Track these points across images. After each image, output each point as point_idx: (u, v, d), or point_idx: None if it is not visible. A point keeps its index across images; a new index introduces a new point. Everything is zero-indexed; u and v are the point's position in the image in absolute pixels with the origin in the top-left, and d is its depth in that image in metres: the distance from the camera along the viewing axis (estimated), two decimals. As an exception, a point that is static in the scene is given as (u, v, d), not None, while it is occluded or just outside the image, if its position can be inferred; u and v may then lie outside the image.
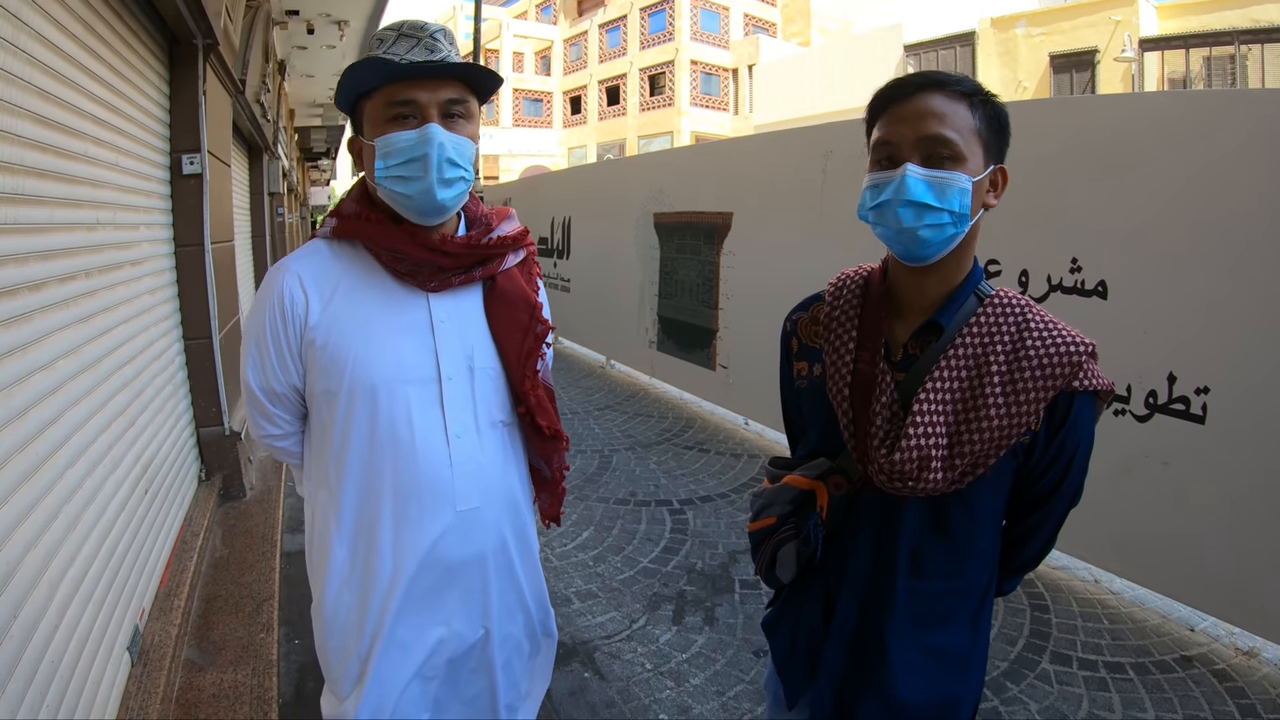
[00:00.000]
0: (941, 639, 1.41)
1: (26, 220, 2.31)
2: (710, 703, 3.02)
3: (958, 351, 1.33)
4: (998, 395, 1.29)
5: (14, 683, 1.83)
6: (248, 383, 1.64)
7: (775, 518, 1.49)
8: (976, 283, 1.39)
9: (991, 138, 1.32)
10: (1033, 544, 1.49)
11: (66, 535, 2.33)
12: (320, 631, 1.67)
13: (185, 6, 3.87)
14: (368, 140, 1.54)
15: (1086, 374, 1.29)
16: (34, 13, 2.42)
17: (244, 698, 2.82)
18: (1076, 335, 1.32)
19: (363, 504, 1.61)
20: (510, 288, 1.73)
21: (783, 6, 38.34)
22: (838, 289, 1.52)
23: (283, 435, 1.72)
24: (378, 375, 1.56)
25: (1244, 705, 2.99)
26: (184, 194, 4.35)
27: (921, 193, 1.26)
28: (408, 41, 1.51)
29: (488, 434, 1.68)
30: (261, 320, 1.60)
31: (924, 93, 1.29)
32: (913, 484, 1.30)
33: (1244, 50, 20.33)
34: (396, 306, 1.61)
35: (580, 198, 9.91)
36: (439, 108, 1.51)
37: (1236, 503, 3.19)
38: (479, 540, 1.67)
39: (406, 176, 1.50)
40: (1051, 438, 1.33)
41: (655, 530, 4.67)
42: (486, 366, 1.68)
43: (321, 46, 9.82)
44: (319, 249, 1.65)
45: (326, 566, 1.63)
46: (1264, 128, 3.06)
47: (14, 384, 2.10)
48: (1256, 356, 3.11)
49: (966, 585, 1.41)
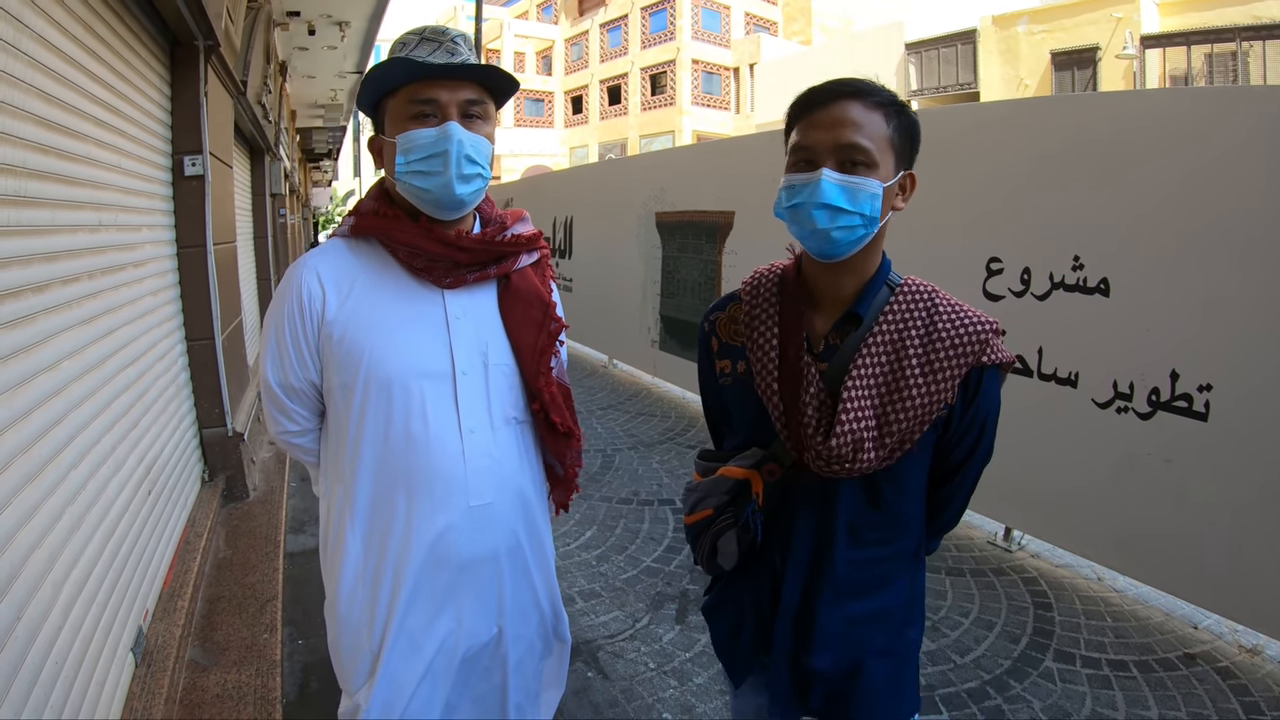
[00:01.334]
0: (883, 600, 1.51)
1: (29, 222, 2.32)
2: (713, 701, 3.02)
3: (876, 339, 1.42)
4: (917, 376, 1.38)
5: (18, 683, 1.83)
6: (266, 379, 1.67)
7: (712, 509, 1.55)
8: (887, 273, 1.48)
9: (903, 146, 1.39)
10: (952, 506, 1.58)
11: (70, 536, 2.33)
12: (333, 628, 1.69)
13: (186, 8, 3.87)
14: (389, 138, 1.59)
15: (993, 349, 1.40)
16: (35, 15, 2.42)
17: (248, 698, 2.82)
18: (981, 315, 1.42)
19: (377, 497, 1.63)
20: (524, 286, 1.76)
21: (784, 5, 38.32)
22: (754, 287, 1.59)
23: (300, 432, 1.75)
24: (393, 368, 1.59)
25: (1247, 703, 2.98)
26: (186, 195, 4.35)
27: (835, 196, 1.33)
28: (429, 45, 1.55)
29: (502, 430, 1.70)
30: (280, 315, 1.63)
31: (842, 101, 1.36)
32: (849, 465, 1.37)
33: (1245, 47, 20.30)
34: (412, 302, 1.64)
35: (582, 197, 9.91)
36: (458, 107, 1.56)
37: (1239, 500, 3.18)
38: (492, 537, 1.69)
39: (426, 172, 1.54)
40: (966, 409, 1.43)
41: (658, 529, 4.67)
42: (501, 363, 1.70)
43: (323, 47, 9.82)
44: (337, 246, 1.69)
45: (341, 562, 1.65)
46: (1266, 125, 3.06)
47: (18, 385, 2.11)
48: (1259, 354, 3.11)
49: (900, 549, 1.51)
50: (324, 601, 1.73)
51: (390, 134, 1.58)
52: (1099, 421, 3.66)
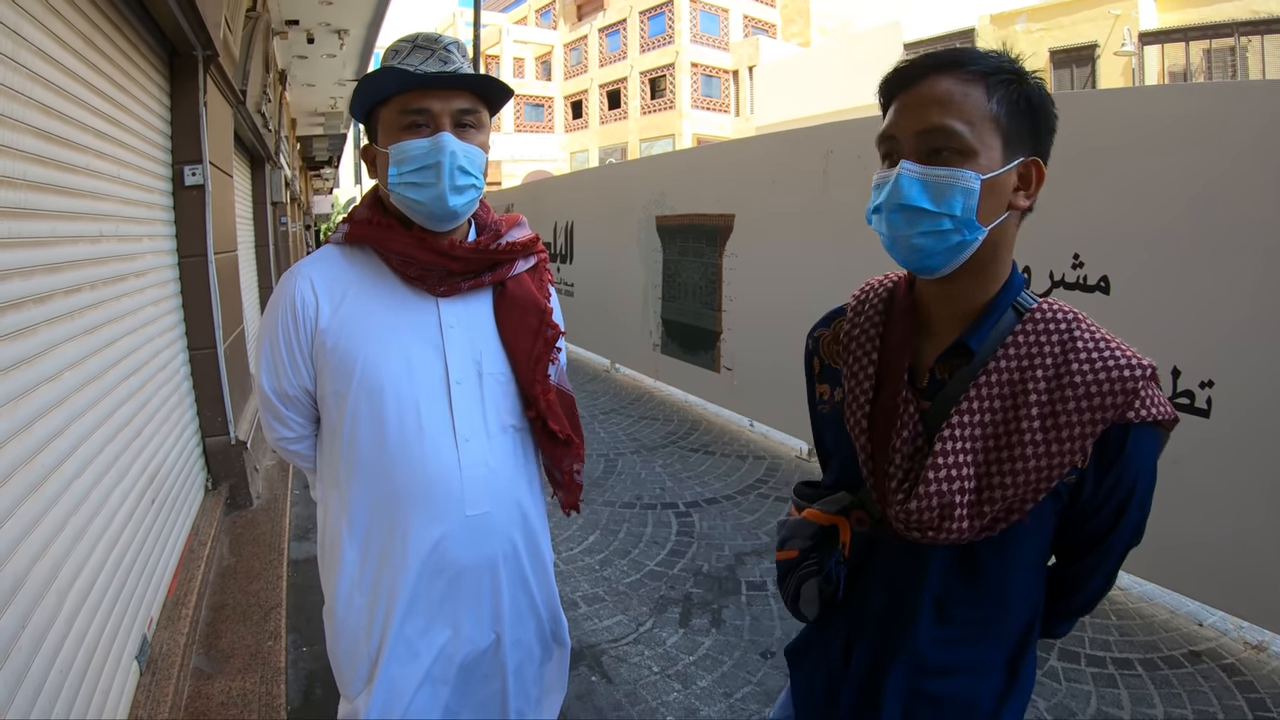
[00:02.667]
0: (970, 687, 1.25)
1: (30, 234, 2.33)
2: (718, 705, 3.02)
3: (990, 378, 1.15)
4: (1036, 431, 1.11)
5: (23, 692, 1.84)
6: (261, 385, 1.67)
7: (798, 551, 1.35)
8: (1015, 294, 1.20)
9: (1016, 125, 1.12)
10: (1088, 588, 1.28)
11: (74, 546, 2.34)
12: (331, 633, 1.69)
13: (184, 18, 3.89)
14: (381, 148, 1.58)
15: (1145, 402, 1.10)
16: (34, 28, 2.43)
17: (252, 705, 2.83)
18: (1133, 355, 1.11)
19: (373, 506, 1.62)
20: (520, 293, 1.75)
21: (782, 7, 38.39)
22: (860, 302, 1.35)
23: (295, 438, 1.75)
24: (386, 376, 1.59)
25: (1253, 699, 2.98)
26: (186, 205, 4.36)
27: (915, 195, 1.10)
28: (422, 53, 1.55)
29: (498, 438, 1.69)
30: (274, 323, 1.63)
31: (934, 76, 1.12)
32: (933, 534, 1.14)
33: (1244, 42, 20.29)
34: (406, 310, 1.64)
35: (582, 202, 9.93)
36: (451, 117, 1.55)
37: (1243, 496, 3.18)
38: (489, 545, 1.68)
39: (419, 183, 1.54)
40: (1102, 477, 1.13)
41: (661, 533, 4.67)
42: (496, 371, 1.70)
43: (322, 56, 9.84)
44: (331, 254, 1.69)
45: (338, 568, 1.65)
46: (1266, 120, 3.06)
47: (20, 396, 2.12)
48: (1261, 349, 3.11)
49: (1000, 631, 1.24)
50: (324, 606, 1.73)
51: (383, 144, 1.58)
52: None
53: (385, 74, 1.52)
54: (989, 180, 1.09)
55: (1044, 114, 1.15)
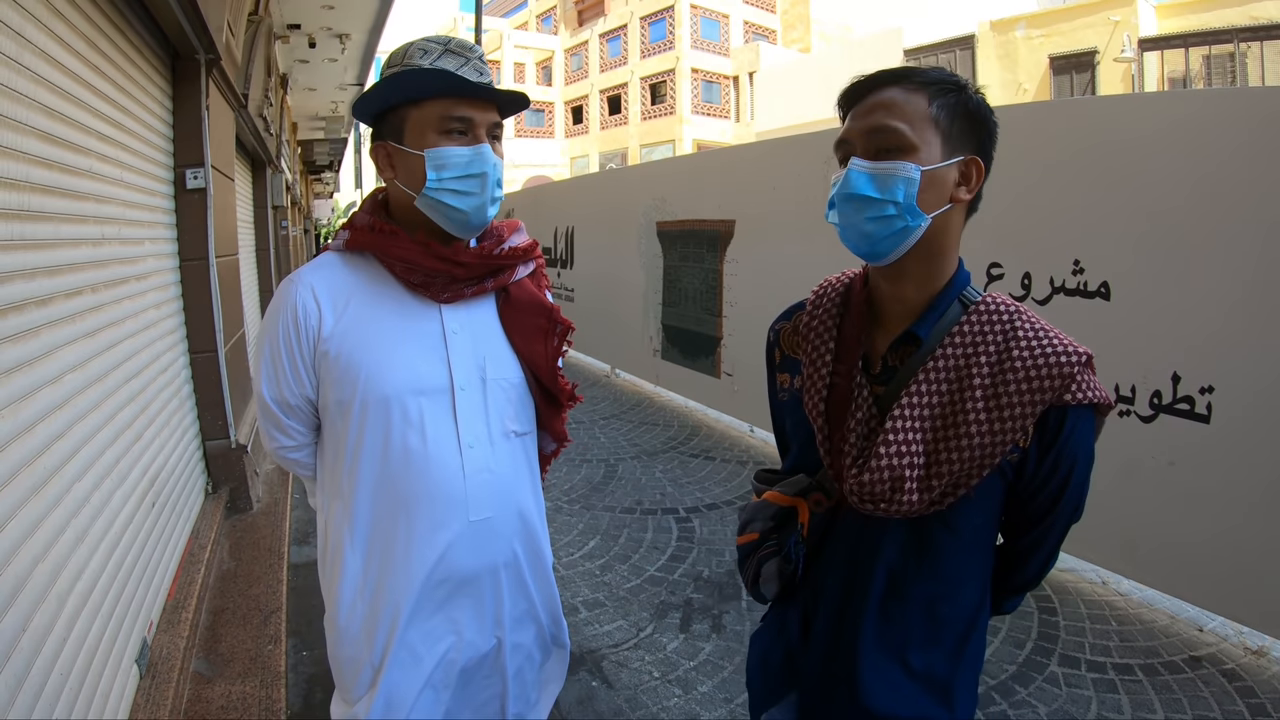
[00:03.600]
0: (922, 661, 1.32)
1: (33, 236, 2.33)
2: (718, 710, 3.02)
3: (938, 364, 1.25)
4: (979, 411, 1.21)
5: (23, 695, 1.84)
6: (261, 395, 1.66)
7: (758, 533, 1.45)
8: (960, 288, 1.31)
9: (955, 127, 1.24)
10: (1032, 562, 1.39)
11: (74, 548, 2.34)
12: (333, 641, 1.68)
13: (187, 22, 3.90)
14: (413, 149, 1.54)
15: (1080, 386, 1.20)
16: (37, 30, 2.44)
17: (252, 709, 2.83)
18: (1069, 344, 1.22)
19: (376, 514, 1.61)
20: (524, 296, 1.74)
21: (782, 13, 38.45)
22: (819, 297, 1.47)
23: (296, 446, 1.73)
24: (390, 386, 1.57)
25: (1254, 704, 2.98)
26: (188, 208, 4.37)
27: (863, 185, 1.22)
28: (456, 59, 1.52)
29: (501, 445, 1.68)
30: (275, 332, 1.61)
31: (880, 88, 1.25)
32: (885, 505, 1.23)
33: (1243, 48, 20.34)
34: (409, 317, 1.63)
35: (583, 207, 9.93)
36: (487, 128, 1.56)
37: (1243, 501, 3.18)
38: (491, 551, 1.68)
39: (463, 191, 1.53)
40: (1044, 454, 1.24)
41: (662, 538, 4.67)
42: (499, 378, 1.69)
43: (323, 60, 9.87)
44: (332, 261, 1.67)
45: (340, 576, 1.63)
46: (1266, 126, 3.06)
47: (22, 398, 2.12)
48: (1261, 355, 3.11)
49: (952, 608, 1.33)
50: (324, 614, 1.72)
51: (414, 146, 1.54)
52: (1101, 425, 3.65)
53: (431, 74, 1.49)
54: (929, 172, 1.21)
55: (982, 120, 1.27)
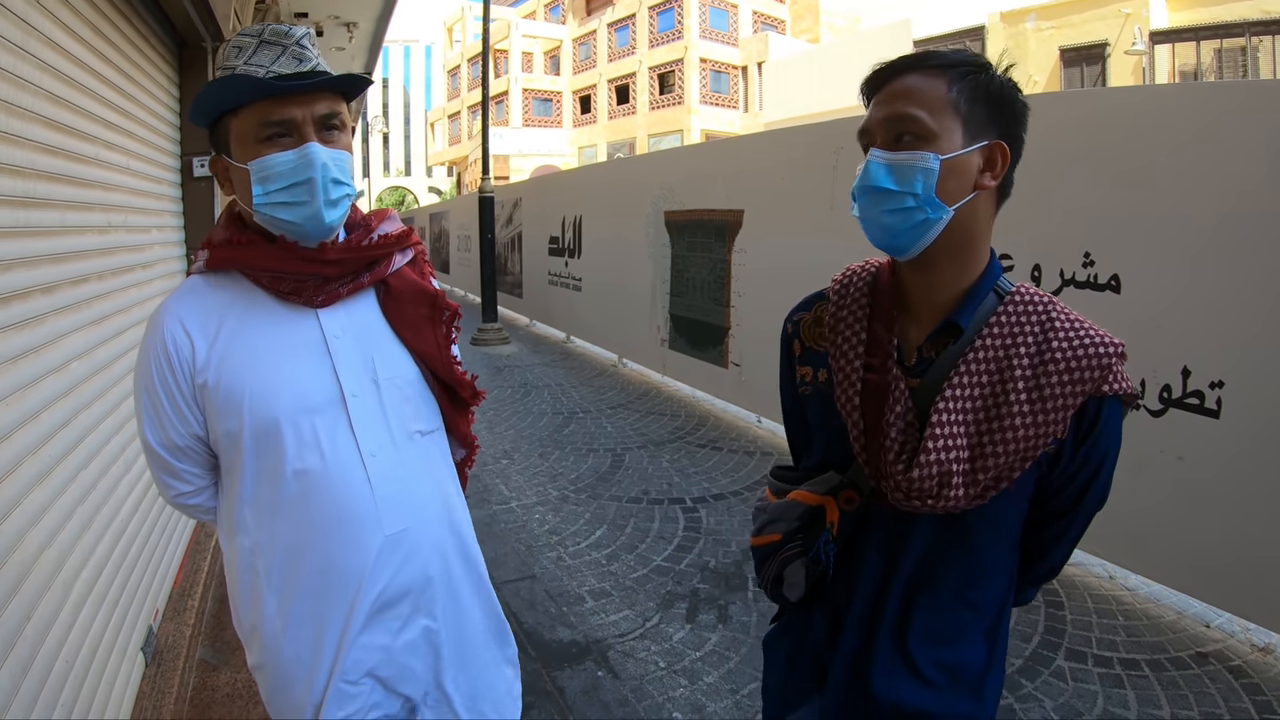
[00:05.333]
0: (953, 654, 1.30)
1: (38, 223, 2.32)
2: (724, 700, 3.02)
3: (978, 355, 1.21)
4: (1023, 403, 1.18)
5: (29, 682, 1.84)
6: (146, 441, 1.52)
7: (781, 534, 1.37)
8: (995, 279, 1.26)
9: (975, 111, 1.19)
10: (1056, 552, 1.35)
11: (80, 536, 2.34)
12: (266, 687, 1.56)
13: (194, 10, 3.89)
14: (238, 162, 1.42)
15: (1115, 377, 1.18)
16: (43, 17, 2.42)
17: (257, 697, 2.80)
18: (1105, 335, 1.20)
19: (287, 545, 1.49)
20: (404, 286, 1.63)
21: (791, 3, 38.37)
22: (843, 286, 1.39)
23: (194, 491, 1.58)
24: (277, 408, 1.46)
25: (1260, 701, 2.96)
26: (195, 196, 4.37)
27: (881, 177, 1.18)
28: (271, 50, 1.40)
29: (405, 447, 1.57)
30: (148, 371, 1.48)
31: (900, 75, 1.21)
32: (932, 501, 1.19)
33: (1255, 42, 20.23)
34: (286, 330, 1.51)
35: (591, 197, 9.93)
36: (315, 123, 1.42)
37: (1252, 497, 3.16)
38: (417, 562, 1.56)
39: (291, 202, 1.40)
40: (1078, 446, 1.21)
41: (668, 528, 4.67)
42: (393, 376, 1.58)
43: (331, 49, 9.84)
44: (196, 285, 1.53)
45: (260, 620, 1.51)
46: (1277, 119, 3.04)
47: (27, 386, 2.11)
48: (1271, 350, 3.09)
49: (983, 598, 1.30)
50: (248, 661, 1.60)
51: (239, 158, 1.42)
52: (1110, 419, 3.63)
53: (234, 82, 1.37)
54: (949, 161, 1.17)
55: (1007, 101, 1.22)
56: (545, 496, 5.18)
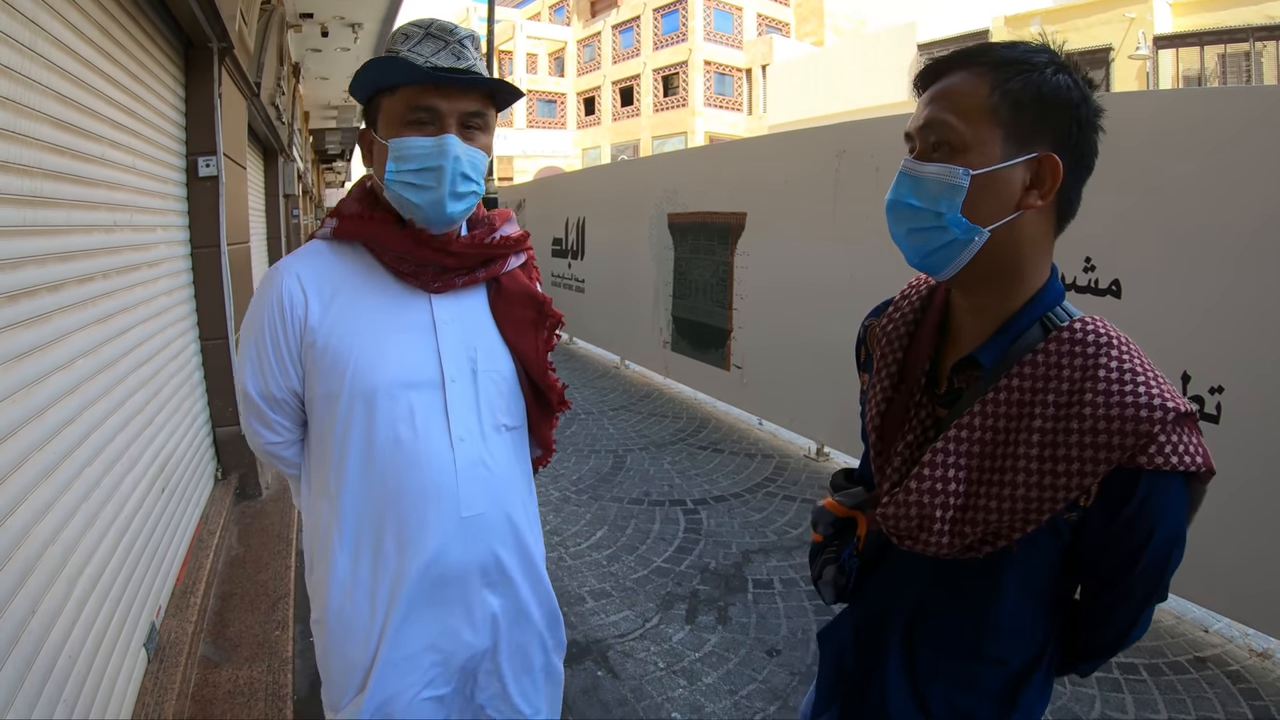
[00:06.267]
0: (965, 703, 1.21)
1: (45, 222, 2.34)
2: (723, 701, 3.03)
3: (999, 396, 1.07)
4: (1032, 460, 1.04)
5: (32, 677, 1.85)
6: (245, 388, 1.60)
7: (822, 536, 1.36)
8: (1045, 308, 1.11)
9: (1022, 118, 1.03)
10: (1106, 629, 1.19)
11: (84, 532, 2.36)
12: (322, 646, 1.63)
13: (200, 10, 3.90)
14: (381, 138, 1.51)
15: (1162, 448, 0.99)
16: (51, 17, 2.44)
17: (259, 694, 2.84)
18: (1159, 395, 0.99)
19: (365, 511, 1.56)
20: (515, 287, 1.69)
21: (796, 6, 38.32)
22: (902, 299, 1.31)
23: (282, 443, 1.67)
24: (379, 379, 1.52)
25: (1258, 707, 2.97)
26: (200, 196, 4.38)
27: (905, 193, 1.08)
28: (434, 43, 1.46)
29: (493, 438, 1.63)
30: (260, 323, 1.56)
31: (947, 73, 1.09)
32: (910, 542, 1.13)
33: (1259, 47, 20.19)
34: (399, 308, 1.57)
35: (594, 198, 9.93)
36: (458, 118, 1.48)
37: (1252, 502, 3.16)
38: (484, 547, 1.62)
39: (418, 185, 1.47)
40: (1110, 521, 1.05)
41: (669, 530, 4.68)
42: (491, 369, 1.63)
43: (335, 49, 9.88)
44: (319, 249, 1.62)
45: (329, 577, 1.58)
46: (1278, 125, 3.04)
47: (33, 383, 2.13)
48: (1271, 355, 3.09)
49: (1001, 655, 1.18)
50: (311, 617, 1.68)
51: (383, 135, 1.50)
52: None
53: (393, 63, 1.44)
54: (982, 176, 1.03)
55: (1064, 104, 1.04)
56: (547, 497, 5.19)
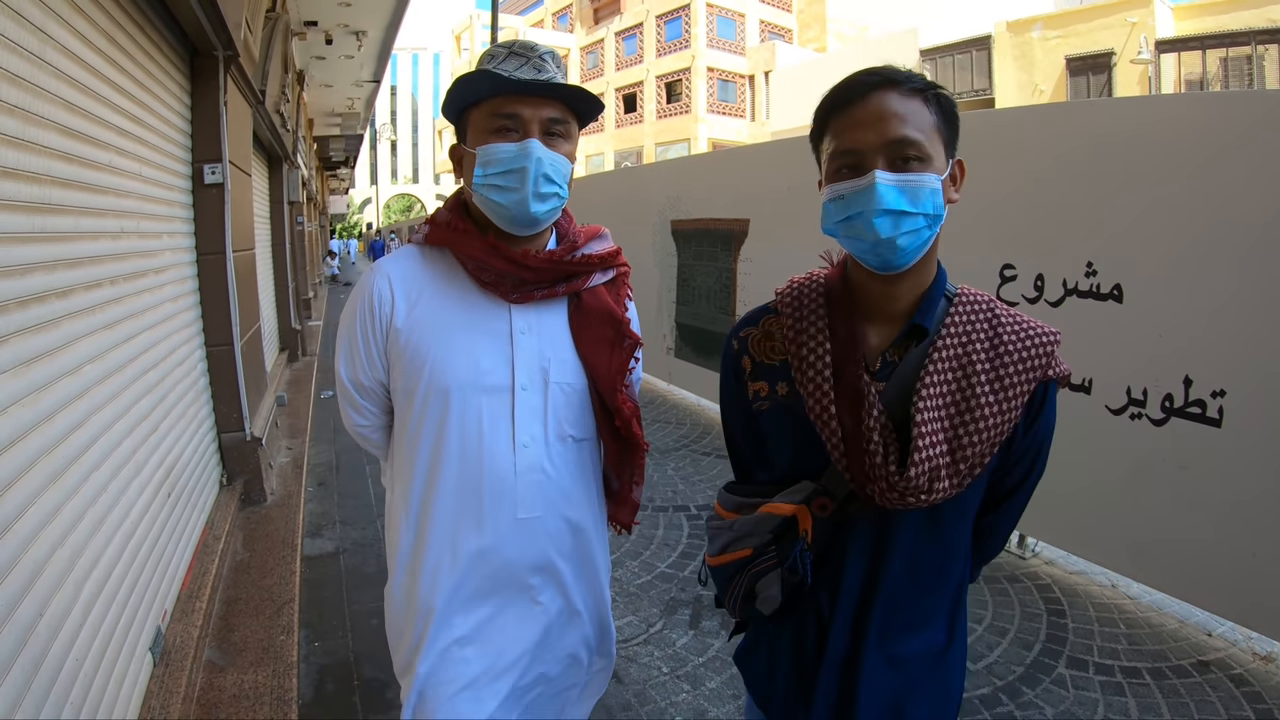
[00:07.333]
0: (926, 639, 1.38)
1: (53, 229, 2.36)
2: (726, 706, 3.03)
3: (941, 354, 1.27)
4: (988, 394, 1.25)
5: (39, 680, 1.87)
6: (340, 375, 1.74)
7: (750, 549, 1.40)
8: (945, 282, 1.34)
9: (949, 132, 1.27)
10: (998, 534, 1.46)
11: (91, 537, 2.37)
12: (389, 608, 1.75)
13: (206, 19, 3.93)
14: (470, 149, 1.60)
15: (1057, 361, 1.29)
16: (59, 27, 2.47)
17: (264, 698, 2.85)
18: (1044, 325, 1.32)
19: (427, 499, 1.66)
20: (595, 304, 1.74)
21: (799, 12, 38.41)
22: (796, 299, 1.42)
23: (370, 427, 1.80)
24: (452, 379, 1.61)
25: (1261, 710, 2.97)
26: (206, 203, 4.41)
27: (895, 199, 1.19)
28: (517, 60, 1.56)
29: (557, 446, 1.69)
30: (354, 316, 1.69)
31: (878, 92, 1.22)
32: (925, 496, 1.23)
33: (1261, 50, 20.22)
34: (478, 314, 1.66)
35: (597, 205, 9.92)
36: (540, 124, 1.57)
37: (1254, 506, 3.17)
38: (537, 549, 1.69)
39: (503, 186, 1.55)
40: (1029, 428, 1.31)
41: (673, 535, 4.69)
42: (563, 381, 1.70)
43: (339, 57, 9.93)
44: (411, 253, 1.73)
45: (395, 550, 1.71)
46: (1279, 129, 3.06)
47: (42, 388, 2.15)
48: (1272, 359, 3.10)
49: (946, 581, 1.38)
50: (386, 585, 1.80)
51: (471, 145, 1.59)
52: (1112, 428, 3.65)
53: (478, 77, 1.54)
54: (943, 180, 1.25)
55: (958, 119, 1.30)
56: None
